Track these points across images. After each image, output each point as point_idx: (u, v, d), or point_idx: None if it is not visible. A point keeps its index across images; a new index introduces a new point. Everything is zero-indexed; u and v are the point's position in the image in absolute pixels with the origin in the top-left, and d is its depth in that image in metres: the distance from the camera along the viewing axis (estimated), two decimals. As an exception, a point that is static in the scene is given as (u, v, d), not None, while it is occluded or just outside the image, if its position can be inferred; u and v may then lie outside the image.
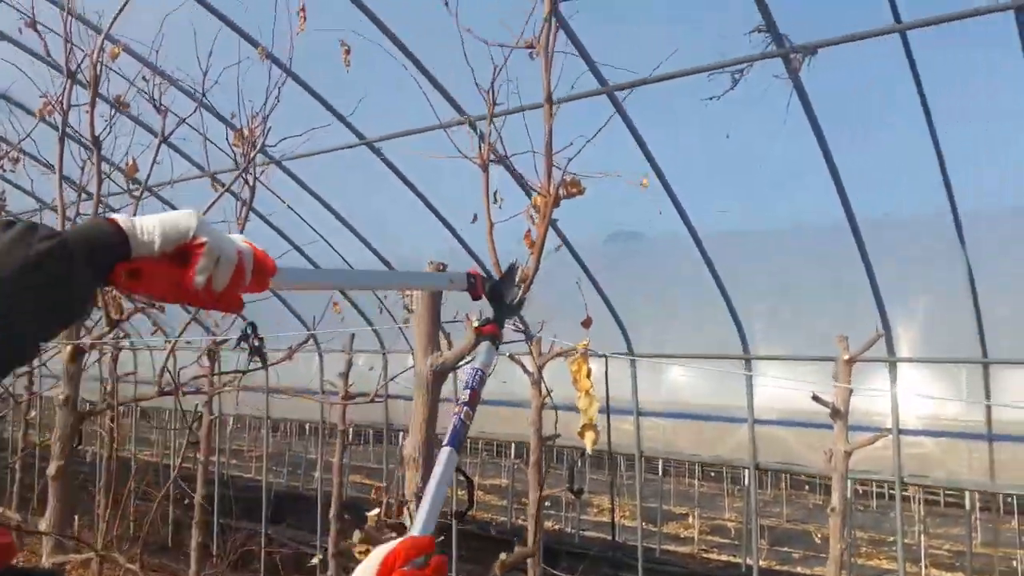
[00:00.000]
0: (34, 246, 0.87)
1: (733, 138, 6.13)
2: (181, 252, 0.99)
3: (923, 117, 5.76)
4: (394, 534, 2.02)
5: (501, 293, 1.64)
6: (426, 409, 2.30)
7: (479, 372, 1.50)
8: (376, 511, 2.10)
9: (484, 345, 1.55)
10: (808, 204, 7.05)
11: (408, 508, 2.17)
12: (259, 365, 3.48)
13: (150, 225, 0.97)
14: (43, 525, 3.82)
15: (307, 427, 16.99)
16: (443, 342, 2.55)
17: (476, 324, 2.44)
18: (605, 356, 2.81)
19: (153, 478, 13.25)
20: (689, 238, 7.26)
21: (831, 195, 6.34)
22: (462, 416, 1.42)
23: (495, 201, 2.53)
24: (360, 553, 1.98)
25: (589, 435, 2.46)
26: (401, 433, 16.08)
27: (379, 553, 1.07)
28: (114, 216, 0.97)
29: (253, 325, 3.59)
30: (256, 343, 3.52)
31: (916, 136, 5.89)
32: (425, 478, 2.25)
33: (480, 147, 2.62)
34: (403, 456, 2.31)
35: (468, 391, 1.47)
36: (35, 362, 9.57)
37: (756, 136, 5.88)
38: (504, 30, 2.89)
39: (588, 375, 2.46)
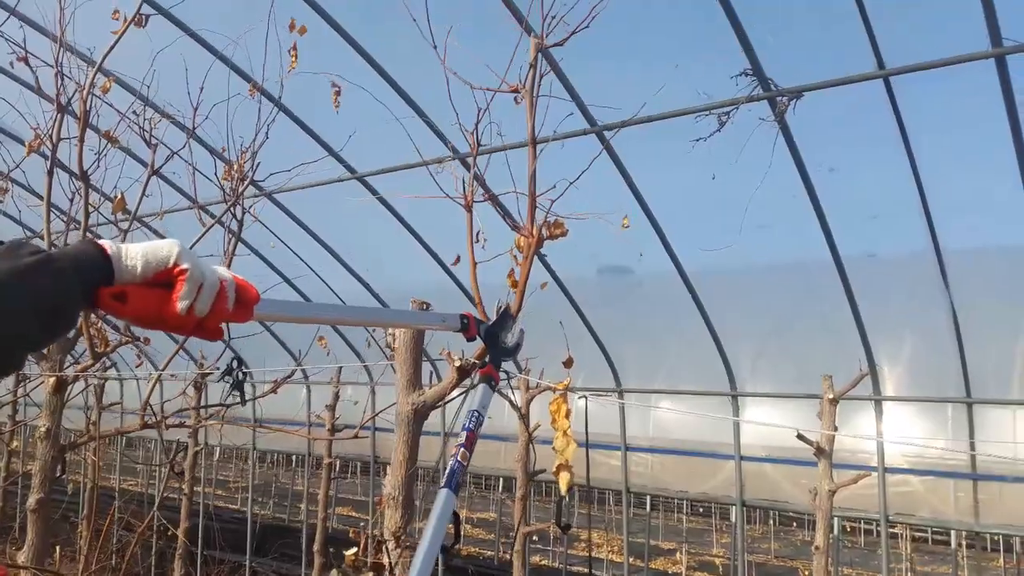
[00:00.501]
0: (21, 259, 0.89)
1: (720, 178, 6.20)
2: (164, 279, 1.01)
3: (906, 159, 5.85)
4: (372, 574, 2.03)
5: (497, 336, 1.65)
6: (407, 448, 2.31)
7: (476, 414, 1.50)
8: (353, 550, 2.10)
9: (481, 387, 1.56)
10: (794, 243, 7.12)
11: (386, 547, 2.18)
12: (238, 400, 3.48)
13: (134, 251, 1.00)
14: (21, 558, 3.78)
15: (294, 458, 16.85)
16: (431, 375, 2.56)
17: (459, 362, 2.46)
18: (585, 396, 2.82)
19: (137, 509, 13.09)
20: (677, 275, 7.32)
21: (817, 234, 6.42)
22: (459, 458, 1.43)
23: (478, 240, 2.56)
24: (338, 593, 1.98)
25: (564, 475, 2.47)
26: (388, 466, 15.99)
27: None
28: (101, 241, 1.00)
29: (239, 359, 3.59)
30: (240, 377, 3.52)
31: (900, 178, 5.99)
32: (404, 517, 2.26)
33: (464, 188, 2.65)
34: (383, 494, 2.32)
35: (465, 432, 1.48)
36: (19, 391, 9.50)
37: (742, 176, 5.95)
38: (491, 72, 2.94)
39: (567, 415, 2.47)
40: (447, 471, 1.43)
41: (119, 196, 3.81)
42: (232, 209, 3.88)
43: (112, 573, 9.85)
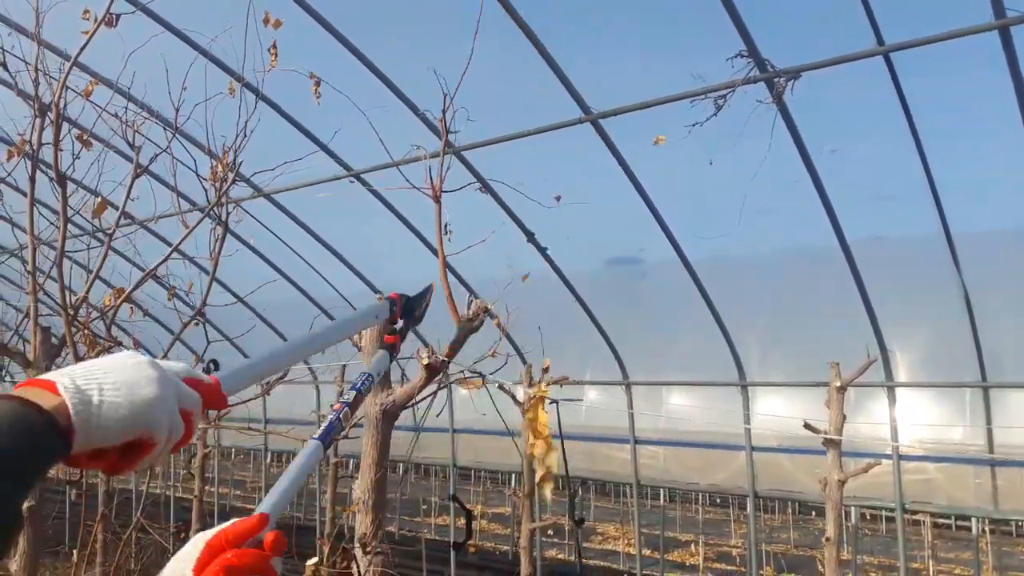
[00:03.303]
0: None
1: (721, 164, 6.07)
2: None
3: (911, 139, 5.70)
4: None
5: (412, 308, 1.62)
6: (375, 451, 2.23)
7: (369, 377, 1.44)
8: (313, 560, 2.02)
9: (380, 353, 1.52)
10: (799, 228, 6.98)
11: (356, 555, 2.10)
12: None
13: (107, 418, 0.80)
14: (13, 567, 3.74)
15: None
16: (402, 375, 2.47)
17: (427, 360, 2.38)
18: (556, 401, 2.73)
19: (152, 511, 13.18)
20: (682, 265, 7.19)
21: (821, 218, 6.27)
22: (340, 414, 1.35)
23: (446, 233, 2.48)
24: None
25: (548, 486, 2.38)
26: (400, 465, 15.97)
27: (204, 536, 0.97)
28: (58, 382, 0.79)
29: (215, 362, 3.52)
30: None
31: (905, 158, 5.83)
32: (375, 522, 2.18)
33: (432, 180, 2.57)
34: (353, 499, 2.24)
35: (354, 392, 1.41)
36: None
37: (743, 161, 5.83)
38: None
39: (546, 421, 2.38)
40: (324, 424, 1.37)
41: (99, 201, 3.75)
42: (216, 209, 3.81)
43: (127, 575, 9.88)
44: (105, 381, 0.82)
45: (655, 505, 15.73)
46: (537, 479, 2.44)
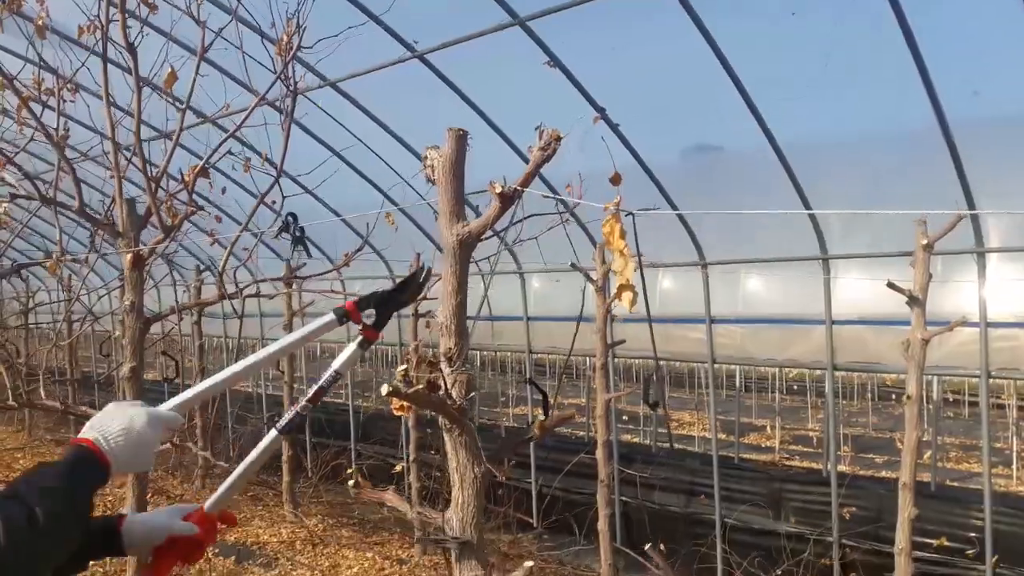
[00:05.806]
0: None
1: (808, 29, 5.70)
2: None
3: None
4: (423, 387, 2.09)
5: (393, 298, 1.59)
6: (455, 279, 2.31)
7: (335, 374, 1.51)
8: (403, 368, 2.14)
9: (351, 347, 1.54)
10: (889, 100, 6.53)
11: (441, 368, 2.22)
12: (304, 254, 3.54)
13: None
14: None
15: (391, 354, 17.43)
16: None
17: (499, 189, 2.38)
18: (632, 213, 2.65)
19: (247, 405, 14.10)
20: (765, 148, 6.86)
21: (918, 89, 5.81)
22: (300, 410, 1.50)
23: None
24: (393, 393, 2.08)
25: (626, 295, 2.42)
26: (479, 354, 16.36)
27: (184, 509, 1.44)
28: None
29: (294, 215, 3.61)
30: (298, 233, 3.54)
31: (1008, 20, 5.39)
32: (458, 344, 2.26)
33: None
34: (436, 323, 2.34)
35: (317, 389, 1.51)
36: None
37: (828, 22, 5.47)
38: None
39: (622, 235, 2.39)
40: (286, 417, 1.51)
41: (169, 71, 3.81)
42: (282, 80, 3.83)
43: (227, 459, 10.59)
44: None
45: (730, 395, 15.81)
46: (614, 291, 2.50)
